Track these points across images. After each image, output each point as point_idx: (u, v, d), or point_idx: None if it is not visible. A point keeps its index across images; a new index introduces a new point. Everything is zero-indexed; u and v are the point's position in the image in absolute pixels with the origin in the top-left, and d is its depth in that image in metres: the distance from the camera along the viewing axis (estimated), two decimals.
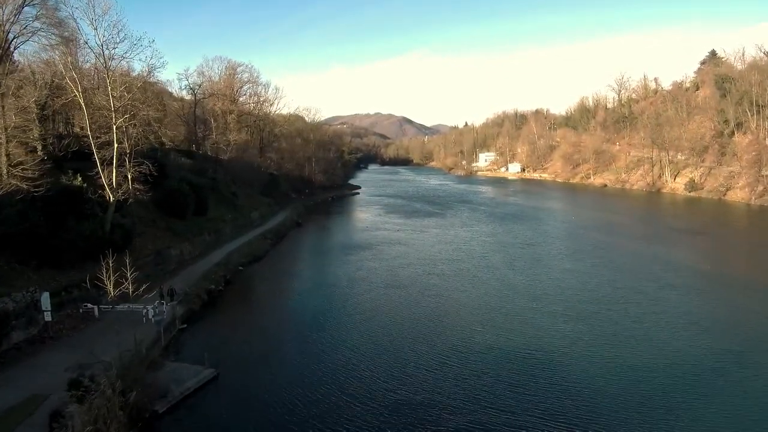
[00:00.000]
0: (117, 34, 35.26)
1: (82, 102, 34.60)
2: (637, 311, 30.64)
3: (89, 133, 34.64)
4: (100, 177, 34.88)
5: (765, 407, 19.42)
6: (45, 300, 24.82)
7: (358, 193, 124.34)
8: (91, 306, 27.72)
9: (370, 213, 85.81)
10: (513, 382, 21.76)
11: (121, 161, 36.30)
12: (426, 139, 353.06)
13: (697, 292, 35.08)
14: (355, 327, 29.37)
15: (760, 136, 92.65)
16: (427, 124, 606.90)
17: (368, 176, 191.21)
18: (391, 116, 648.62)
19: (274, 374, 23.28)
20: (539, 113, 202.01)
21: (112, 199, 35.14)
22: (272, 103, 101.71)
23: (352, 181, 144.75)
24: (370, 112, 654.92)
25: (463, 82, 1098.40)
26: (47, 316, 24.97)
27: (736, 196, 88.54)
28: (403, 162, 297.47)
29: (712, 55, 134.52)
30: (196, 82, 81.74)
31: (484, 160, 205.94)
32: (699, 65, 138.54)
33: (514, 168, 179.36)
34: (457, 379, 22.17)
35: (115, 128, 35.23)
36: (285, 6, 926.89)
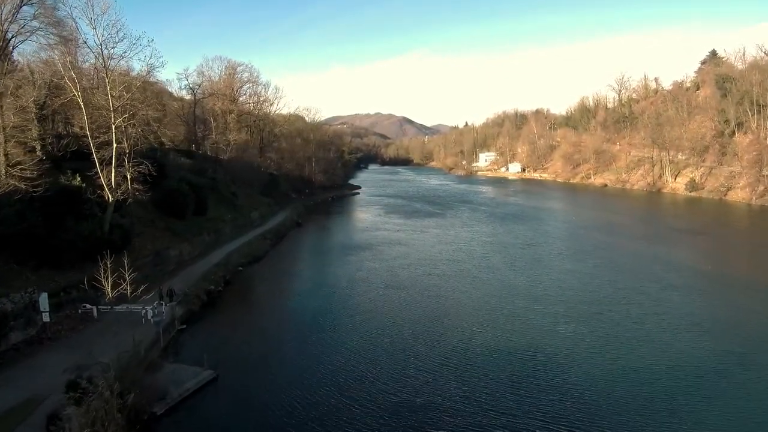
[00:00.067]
0: (116, 34, 35.27)
1: (80, 102, 34.49)
2: (639, 312, 30.49)
3: (88, 133, 34.54)
4: (99, 177, 34.74)
5: None
6: (43, 301, 24.73)
7: (358, 193, 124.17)
8: (89, 307, 27.62)
9: (370, 213, 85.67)
10: (514, 384, 21.61)
11: (120, 161, 36.19)
12: (426, 139, 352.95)
13: (698, 293, 34.93)
14: (355, 328, 29.25)
15: (761, 135, 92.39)
16: (428, 124, 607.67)
17: (368, 176, 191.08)
18: (391, 116, 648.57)
19: (274, 376, 23.15)
20: (539, 113, 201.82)
21: (111, 199, 35.05)
22: (272, 103, 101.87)
23: (352, 181, 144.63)
24: (371, 112, 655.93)
25: (463, 82, 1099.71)
26: (45, 316, 24.91)
27: (737, 196, 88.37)
28: (404, 162, 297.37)
29: (713, 55, 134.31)
30: (195, 82, 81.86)
31: (485, 160, 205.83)
32: (699, 65, 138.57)
33: (515, 168, 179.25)
34: (457, 381, 22.02)
35: (114, 128, 35.12)
36: (285, 6, 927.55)
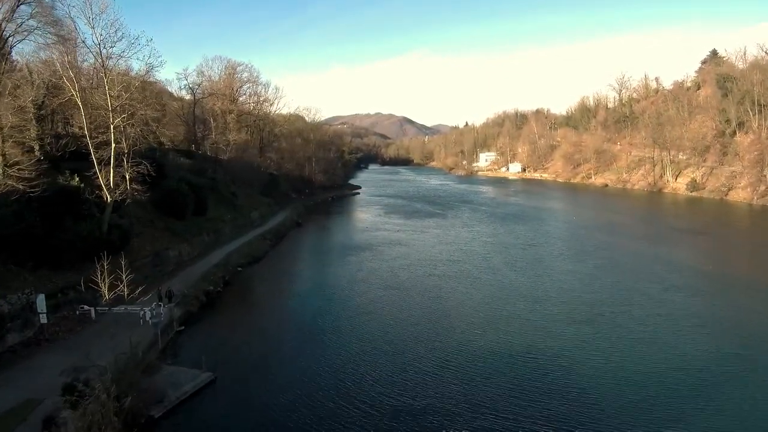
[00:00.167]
0: (114, 33, 35.10)
1: (79, 101, 34.29)
2: (641, 313, 30.25)
3: (86, 133, 34.34)
4: (98, 177, 34.53)
5: None
6: (40, 302, 24.58)
7: (359, 193, 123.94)
8: (87, 308, 27.50)
9: (370, 213, 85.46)
10: (515, 386, 21.38)
11: (119, 161, 35.98)
12: (426, 139, 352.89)
13: (701, 294, 34.68)
14: (355, 329, 29.03)
15: (762, 135, 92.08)
16: (428, 124, 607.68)
17: (368, 176, 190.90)
18: (391, 116, 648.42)
19: (273, 377, 22.93)
20: (540, 113, 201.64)
21: (109, 200, 34.86)
22: (272, 102, 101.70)
23: (352, 181, 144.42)
24: (371, 112, 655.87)
25: (464, 82, 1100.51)
26: (43, 318, 24.77)
27: (738, 196, 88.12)
28: (404, 162, 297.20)
29: (713, 55, 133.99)
30: (195, 82, 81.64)
31: (485, 160, 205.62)
32: (700, 65, 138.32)
33: (515, 168, 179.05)
34: (458, 383, 21.78)
35: (113, 128, 34.91)
36: (285, 6, 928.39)
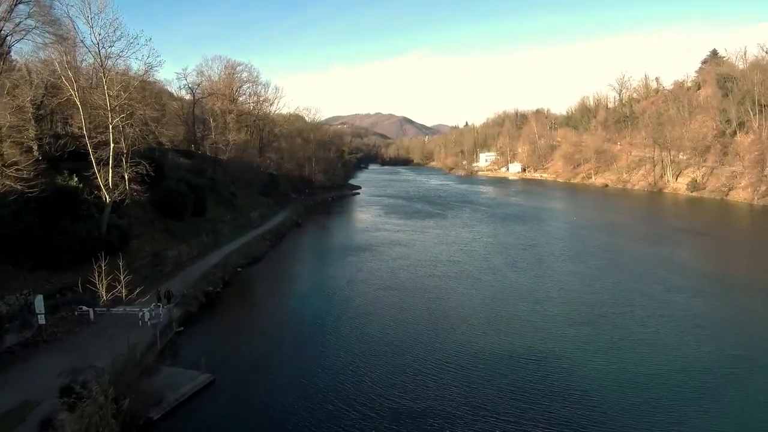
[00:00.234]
0: (113, 33, 34.97)
1: (77, 101, 34.15)
2: (643, 314, 30.07)
3: (85, 133, 34.18)
4: (97, 177, 34.39)
5: None
6: (38, 303, 24.43)
7: (359, 193, 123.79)
8: (86, 309, 27.35)
9: (370, 213, 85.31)
10: (516, 388, 21.22)
11: (117, 161, 35.84)
12: (426, 139, 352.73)
13: (702, 295, 34.53)
14: (354, 330, 28.88)
15: (763, 135, 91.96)
16: (428, 124, 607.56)
17: (368, 176, 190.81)
18: (391, 116, 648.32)
19: (272, 379, 22.78)
20: (540, 113, 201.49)
21: (108, 200, 34.70)
22: (272, 102, 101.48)
23: (352, 181, 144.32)
24: (371, 112, 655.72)
25: (464, 82, 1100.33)
26: (41, 319, 24.63)
27: (739, 196, 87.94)
28: (404, 162, 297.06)
29: (714, 55, 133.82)
30: (195, 82, 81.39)
31: (485, 160, 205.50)
32: (700, 65, 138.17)
33: (515, 168, 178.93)
34: (458, 385, 21.61)
35: (112, 128, 34.76)
36: (285, 6, 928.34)
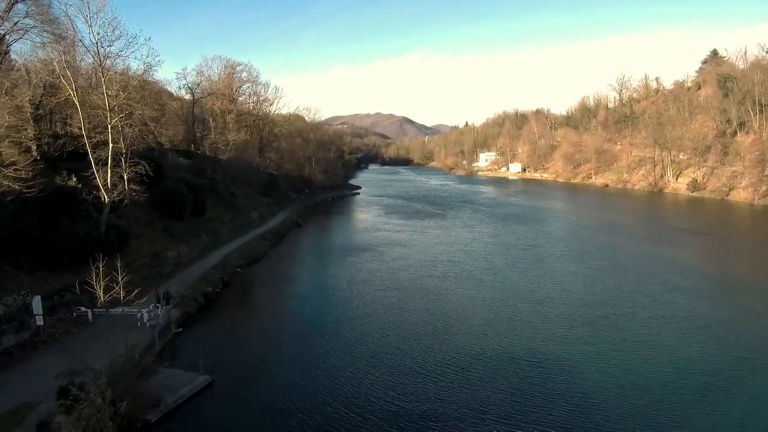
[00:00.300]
0: (112, 32, 34.77)
1: (76, 101, 33.98)
2: (645, 315, 29.88)
3: (84, 133, 34.01)
4: (96, 177, 34.23)
5: None
6: (36, 304, 24.27)
7: (359, 194, 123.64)
8: (84, 310, 27.17)
9: (370, 213, 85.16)
10: (517, 390, 21.06)
11: (116, 161, 35.67)
12: (426, 139, 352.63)
13: (704, 295, 34.39)
14: (354, 331, 28.72)
15: (764, 135, 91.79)
16: (428, 124, 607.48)
17: (368, 176, 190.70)
18: (391, 116, 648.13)
19: (271, 381, 22.60)
20: (540, 113, 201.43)
21: (107, 200, 34.53)
22: (272, 102, 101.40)
23: (352, 181, 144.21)
24: (371, 112, 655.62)
25: (464, 82, 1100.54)
26: (39, 320, 24.48)
27: (739, 196, 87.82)
28: (404, 162, 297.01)
29: (714, 55, 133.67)
30: (194, 82, 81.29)
31: (485, 160, 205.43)
32: (701, 65, 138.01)
33: (515, 168, 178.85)
34: (459, 387, 21.44)
35: (111, 127, 34.58)
36: (285, 6, 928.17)
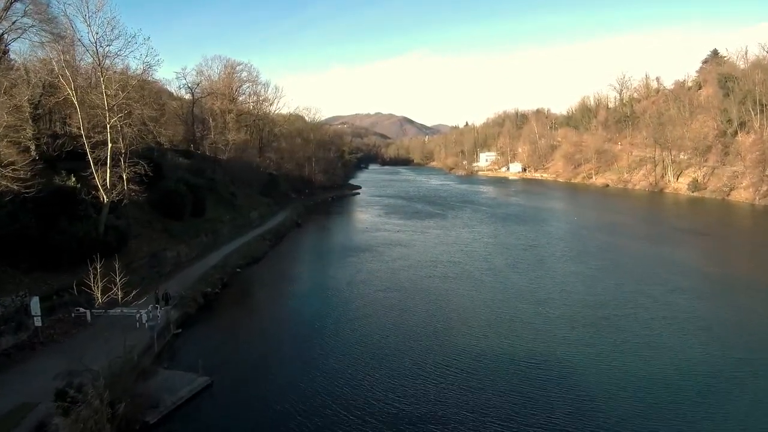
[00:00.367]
0: (111, 31, 34.63)
1: (75, 100, 33.83)
2: (646, 316, 29.72)
3: (83, 133, 33.86)
4: (94, 177, 34.08)
5: None
6: (34, 305, 24.13)
7: (359, 194, 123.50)
8: (83, 310, 27.02)
9: (370, 213, 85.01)
10: (518, 392, 20.91)
11: (115, 161, 35.51)
12: (426, 139, 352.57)
13: (706, 296, 34.27)
14: (354, 332, 28.57)
15: (764, 135, 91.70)
16: (428, 123, 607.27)
17: (369, 176, 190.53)
18: (391, 116, 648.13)
19: (270, 382, 22.46)
20: (540, 113, 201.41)
21: (106, 200, 34.36)
22: (272, 102, 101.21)
23: (352, 181, 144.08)
24: (371, 112, 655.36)
25: (464, 82, 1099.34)
26: (37, 321, 24.33)
27: (740, 196, 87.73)
28: (404, 162, 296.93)
29: (714, 54, 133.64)
30: (194, 81, 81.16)
31: (485, 159, 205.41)
32: (701, 64, 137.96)
33: (515, 168, 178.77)
34: (460, 390, 21.27)
35: (110, 127, 34.44)
36: (285, 6, 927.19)
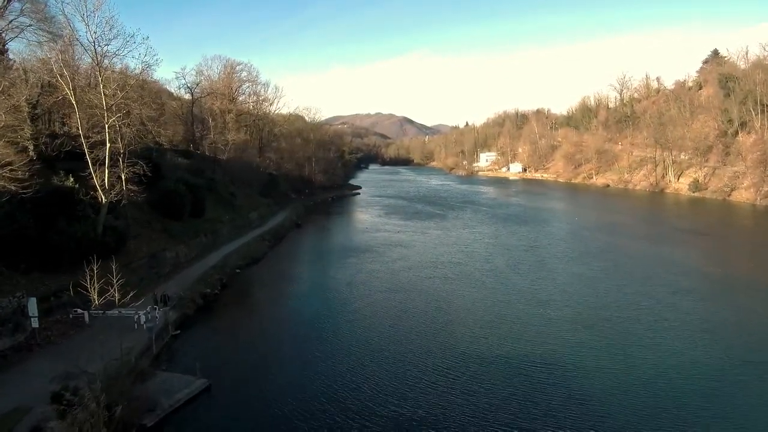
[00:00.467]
0: (109, 31, 34.48)
1: (73, 100, 33.63)
2: (649, 318, 29.51)
3: (81, 133, 33.66)
4: (93, 178, 33.88)
5: None
6: (32, 306, 23.90)
7: (359, 194, 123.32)
8: (81, 312, 26.78)
9: (370, 214, 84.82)
10: (519, 394, 20.73)
11: (114, 161, 35.31)
12: (427, 139, 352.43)
13: (708, 297, 34.06)
14: (354, 334, 28.39)
15: (765, 135, 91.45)
16: (428, 124, 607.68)
17: (369, 176, 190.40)
18: (391, 116, 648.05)
19: (269, 385, 22.27)
20: (540, 113, 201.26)
21: (104, 201, 34.15)
22: (272, 102, 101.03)
23: (352, 181, 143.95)
24: (371, 112, 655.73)
25: (464, 82, 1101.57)
26: (34, 322, 24.09)
27: (741, 196, 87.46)
28: (404, 162, 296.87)
29: (715, 55, 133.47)
30: (194, 81, 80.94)
31: (485, 160, 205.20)
32: (702, 64, 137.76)
33: (516, 168, 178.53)
34: (460, 392, 21.09)
35: (108, 127, 34.24)
36: (285, 6, 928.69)
